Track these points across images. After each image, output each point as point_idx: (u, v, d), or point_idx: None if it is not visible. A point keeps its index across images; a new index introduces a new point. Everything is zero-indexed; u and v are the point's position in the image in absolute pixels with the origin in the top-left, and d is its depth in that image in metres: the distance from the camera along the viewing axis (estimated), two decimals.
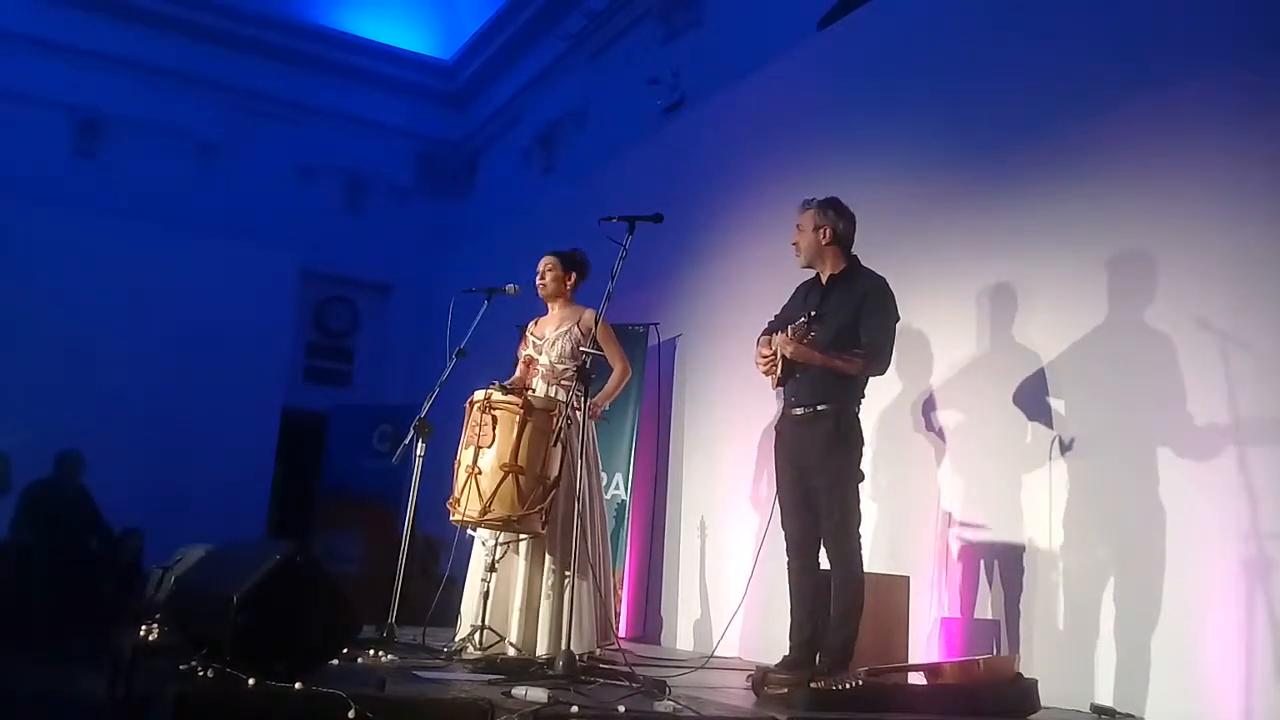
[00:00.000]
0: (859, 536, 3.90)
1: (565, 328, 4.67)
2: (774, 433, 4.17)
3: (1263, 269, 3.78)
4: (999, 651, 4.28)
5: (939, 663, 4.01)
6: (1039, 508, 4.36)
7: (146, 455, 9.02)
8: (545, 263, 4.79)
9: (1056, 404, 4.42)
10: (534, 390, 4.60)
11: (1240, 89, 3.97)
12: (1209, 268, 3.93)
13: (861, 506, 3.95)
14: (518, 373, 4.78)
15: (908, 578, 4.55)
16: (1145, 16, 4.43)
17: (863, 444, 3.97)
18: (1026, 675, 3.70)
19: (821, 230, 4.06)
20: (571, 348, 4.56)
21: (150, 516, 7.73)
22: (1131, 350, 4.17)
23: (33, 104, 10.16)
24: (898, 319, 4.00)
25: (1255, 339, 3.74)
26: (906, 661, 4.23)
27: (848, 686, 3.26)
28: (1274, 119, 3.85)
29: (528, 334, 4.81)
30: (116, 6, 10.46)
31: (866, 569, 3.97)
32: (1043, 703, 3.62)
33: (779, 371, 3.99)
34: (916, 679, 3.78)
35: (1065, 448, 4.32)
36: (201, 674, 2.76)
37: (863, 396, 4.01)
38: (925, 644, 4.60)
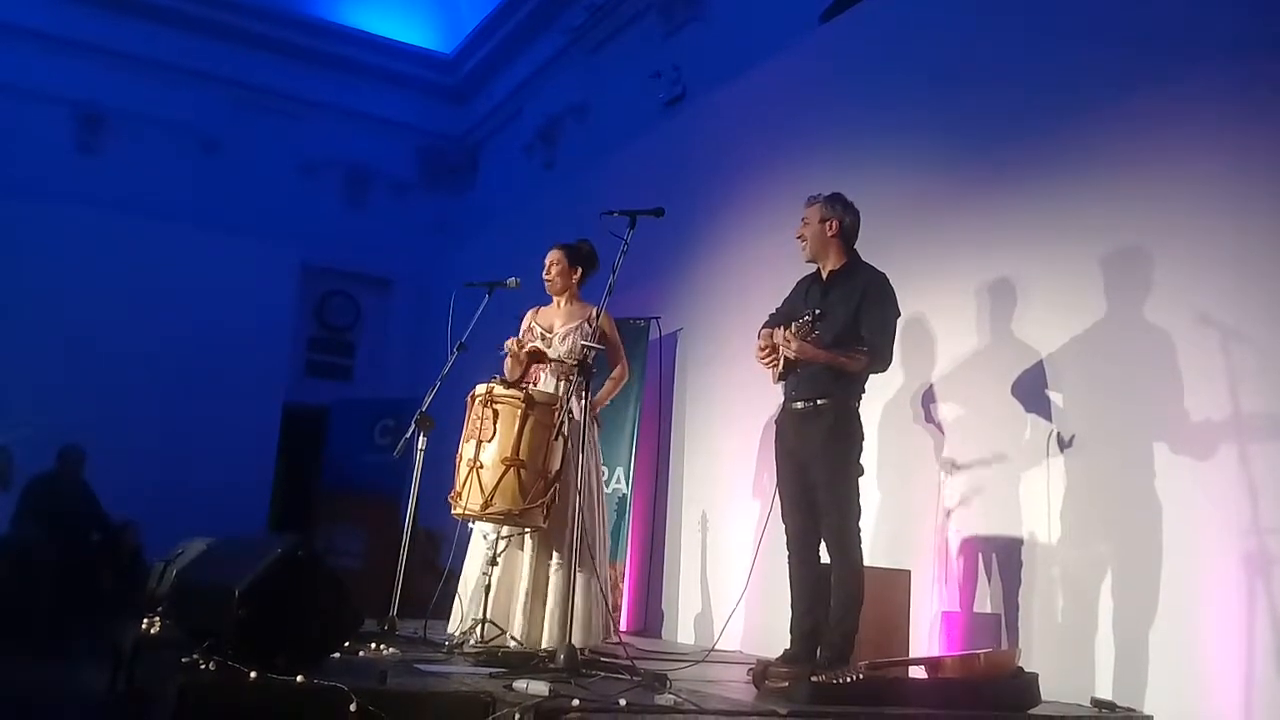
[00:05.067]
0: (859, 531, 3.91)
1: (575, 323, 4.65)
2: (775, 427, 4.18)
3: (1263, 264, 3.78)
4: (1000, 646, 4.28)
5: (940, 657, 4.00)
6: (1039, 501, 4.37)
7: (148, 450, 9.03)
8: (551, 257, 4.76)
9: (1056, 398, 4.42)
10: (541, 382, 4.60)
11: (1240, 85, 3.97)
12: (1209, 262, 3.93)
13: (862, 501, 3.96)
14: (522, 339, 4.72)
15: (909, 572, 4.55)
16: (1145, 12, 4.42)
17: (863, 438, 3.98)
18: (1027, 669, 3.70)
19: (828, 223, 4.07)
20: (581, 344, 4.54)
21: (152, 511, 7.73)
22: (1131, 344, 4.16)
23: (35, 99, 10.16)
24: (898, 315, 4.01)
25: (1256, 333, 3.74)
26: (907, 655, 4.24)
27: (849, 680, 3.26)
28: (1273, 115, 3.85)
29: (533, 324, 4.78)
30: (118, 1, 10.44)
31: (868, 563, 3.97)
32: (1043, 696, 3.62)
33: (779, 366, 4.01)
34: (917, 673, 3.78)
35: (1064, 443, 4.32)
36: (203, 667, 2.76)
37: (863, 391, 4.02)
38: (926, 638, 4.60)
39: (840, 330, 3.92)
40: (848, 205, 4.11)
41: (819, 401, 3.93)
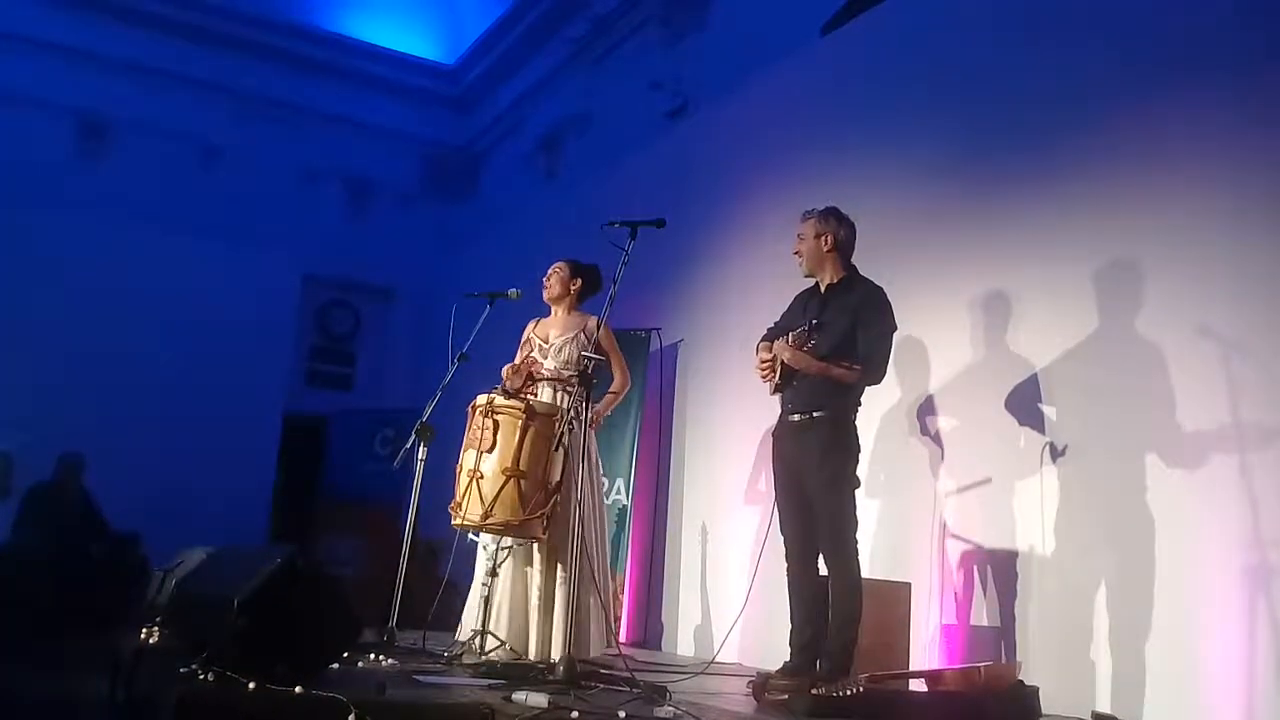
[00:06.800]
0: (856, 542, 3.90)
1: (571, 334, 4.67)
2: (772, 439, 4.18)
3: (1262, 274, 3.77)
4: (1000, 659, 4.27)
5: (940, 670, 4.00)
6: (1039, 514, 4.36)
7: (148, 458, 9.01)
8: (555, 265, 4.83)
9: (1054, 410, 4.42)
10: (538, 394, 4.60)
11: (1236, 95, 3.97)
12: (1207, 274, 3.93)
13: (860, 513, 3.96)
14: (519, 359, 4.75)
15: (909, 584, 4.54)
16: (1142, 26, 4.43)
17: (859, 450, 3.98)
18: (1027, 683, 3.69)
19: (823, 237, 4.08)
20: (578, 354, 4.56)
21: (152, 520, 7.72)
22: (1130, 356, 4.15)
23: (36, 106, 10.19)
24: (894, 329, 4.01)
25: (1255, 344, 3.74)
26: (907, 668, 4.23)
27: (849, 693, 3.26)
28: (1269, 125, 3.85)
29: (531, 335, 4.81)
30: (121, 9, 10.49)
31: (868, 575, 3.97)
32: (1043, 710, 3.62)
33: (777, 378, 4.02)
34: (918, 686, 3.78)
35: (1057, 454, 4.33)
36: (202, 677, 2.76)
37: (859, 404, 4.02)
38: (926, 651, 4.59)
39: (837, 343, 3.93)
40: (843, 219, 4.12)
41: (815, 414, 3.94)
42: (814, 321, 3.89)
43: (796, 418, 3.99)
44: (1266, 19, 3.96)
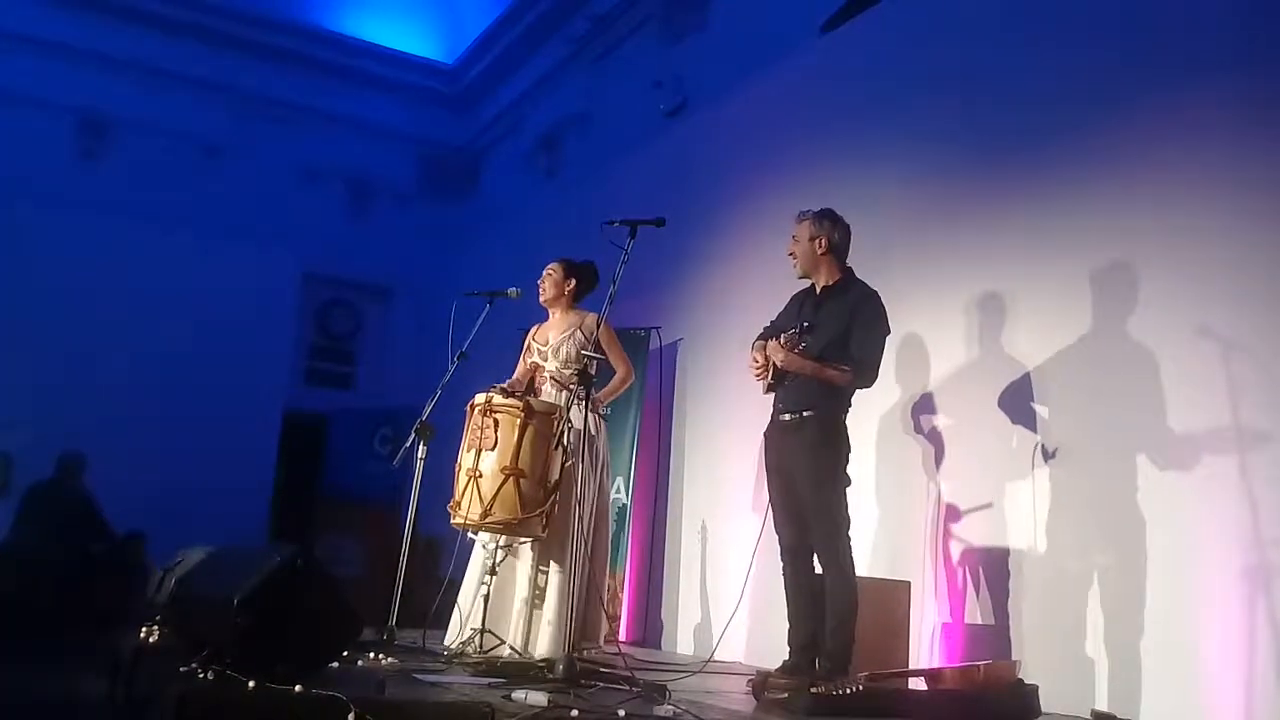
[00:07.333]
0: (849, 540, 3.91)
1: (568, 333, 4.69)
2: (763, 439, 4.19)
3: (1263, 274, 3.78)
4: (1000, 657, 4.27)
5: (940, 668, 4.00)
6: (1039, 514, 4.36)
7: (148, 457, 9.00)
8: (549, 267, 4.84)
9: (1054, 410, 4.42)
10: (542, 394, 4.61)
11: (1234, 96, 3.98)
12: (1208, 274, 3.93)
13: (859, 512, 3.96)
14: (518, 373, 4.79)
15: (908, 583, 4.55)
16: (1142, 26, 4.44)
17: (849, 450, 3.98)
18: (1027, 681, 3.70)
19: (817, 240, 4.08)
20: (576, 352, 4.57)
21: (152, 519, 7.72)
22: (1132, 357, 4.16)
23: (36, 106, 10.17)
24: (888, 333, 4.02)
25: (1254, 345, 3.74)
26: (907, 667, 4.23)
27: (848, 691, 3.26)
28: (1268, 126, 3.85)
29: (530, 341, 4.83)
30: (121, 9, 10.47)
31: (868, 574, 3.97)
32: (1042, 708, 3.62)
33: (770, 378, 4.02)
34: (917, 684, 3.78)
35: (1049, 454, 4.33)
36: (202, 676, 2.77)
37: (850, 405, 4.02)
38: (926, 649, 4.59)
39: (829, 345, 3.94)
40: (837, 221, 4.11)
41: (805, 413, 3.95)
42: (805, 324, 3.90)
43: (787, 417, 4.00)
44: (1266, 19, 3.96)
